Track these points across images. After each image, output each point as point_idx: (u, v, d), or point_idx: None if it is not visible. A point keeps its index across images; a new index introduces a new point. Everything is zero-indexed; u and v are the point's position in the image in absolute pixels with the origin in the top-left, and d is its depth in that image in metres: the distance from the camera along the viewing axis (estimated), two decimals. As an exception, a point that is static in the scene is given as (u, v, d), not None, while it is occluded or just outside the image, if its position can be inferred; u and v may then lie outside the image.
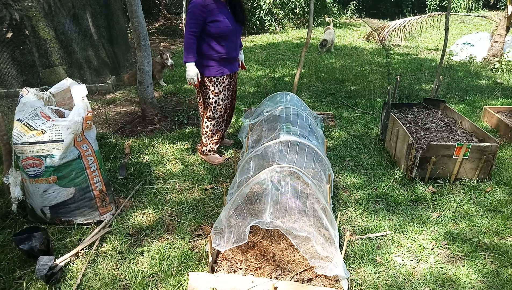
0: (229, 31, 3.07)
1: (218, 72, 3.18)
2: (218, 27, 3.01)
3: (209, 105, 3.31)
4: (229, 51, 3.17)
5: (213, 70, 3.17)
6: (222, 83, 3.24)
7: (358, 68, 6.94)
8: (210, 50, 3.11)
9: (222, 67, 3.20)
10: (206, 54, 3.13)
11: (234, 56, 3.26)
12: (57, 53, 5.30)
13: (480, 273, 2.21)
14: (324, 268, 2.06)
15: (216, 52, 3.11)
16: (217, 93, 3.24)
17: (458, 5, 13.11)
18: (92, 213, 2.61)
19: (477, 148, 2.99)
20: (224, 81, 3.24)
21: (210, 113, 3.34)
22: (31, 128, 2.38)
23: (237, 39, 3.25)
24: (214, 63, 3.15)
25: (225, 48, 3.13)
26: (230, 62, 3.26)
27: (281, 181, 2.25)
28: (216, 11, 3.00)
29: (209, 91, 3.24)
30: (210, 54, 3.12)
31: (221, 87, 3.24)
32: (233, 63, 3.32)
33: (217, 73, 3.18)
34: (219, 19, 3.00)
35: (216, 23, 3.00)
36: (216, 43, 3.09)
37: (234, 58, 3.30)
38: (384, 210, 2.79)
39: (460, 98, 5.21)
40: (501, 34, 6.70)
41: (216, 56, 3.13)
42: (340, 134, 4.09)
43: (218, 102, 3.28)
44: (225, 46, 3.12)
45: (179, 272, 2.21)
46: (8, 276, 2.18)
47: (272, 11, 10.68)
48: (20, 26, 5.19)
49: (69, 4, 5.58)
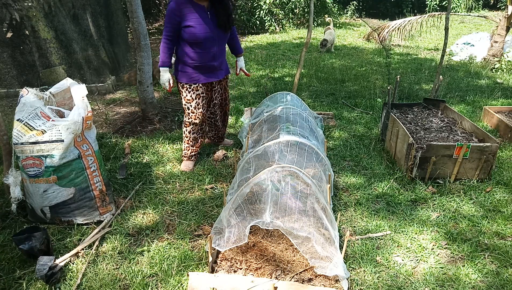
0: (204, 38, 2.89)
1: (191, 79, 3.05)
2: (190, 33, 2.85)
3: (184, 109, 3.24)
4: (204, 59, 3.00)
5: (186, 77, 3.05)
6: (196, 91, 3.10)
7: (358, 68, 6.94)
8: (185, 56, 2.99)
9: (198, 75, 3.06)
10: (181, 59, 3.03)
11: (211, 64, 3.05)
12: (57, 53, 5.30)
13: (480, 273, 2.21)
14: (324, 268, 2.06)
15: (190, 58, 2.98)
16: (189, 100, 3.12)
17: (458, 5, 13.10)
18: (92, 213, 2.61)
19: (477, 148, 2.99)
20: (198, 89, 3.10)
21: (186, 118, 3.25)
22: (31, 128, 2.38)
23: (217, 46, 3.02)
24: (189, 69, 3.03)
25: (199, 56, 2.97)
26: (208, 71, 3.09)
27: (281, 181, 2.25)
28: (190, 16, 2.84)
29: (183, 97, 3.16)
30: (184, 60, 3.01)
31: (193, 94, 3.11)
32: (212, 71, 3.12)
33: (190, 80, 3.05)
34: (192, 24, 2.83)
35: (189, 28, 2.84)
36: (190, 49, 2.95)
37: (213, 67, 3.09)
38: (384, 210, 2.79)
39: (460, 98, 5.21)
40: (501, 34, 6.70)
41: (190, 63, 3.00)
42: (340, 134, 4.09)
43: (191, 109, 3.16)
44: (199, 53, 2.96)
45: (179, 272, 2.21)
46: (8, 276, 2.18)
47: (272, 11, 10.68)
48: (20, 26, 5.19)
49: (69, 4, 5.58)
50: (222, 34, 3.01)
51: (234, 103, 5.04)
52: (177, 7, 2.82)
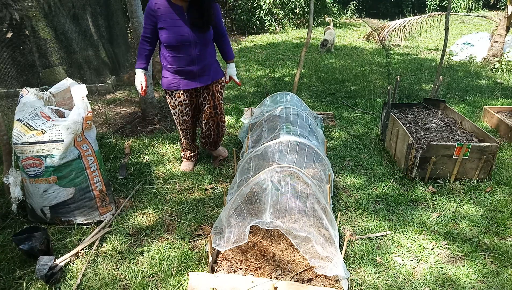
0: (178, 41, 2.70)
1: (171, 85, 2.89)
2: (165, 36, 2.70)
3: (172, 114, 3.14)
4: (181, 63, 2.80)
5: (166, 82, 2.91)
6: (178, 98, 2.94)
7: (358, 68, 6.94)
8: (163, 59, 2.85)
9: (177, 81, 2.88)
10: (162, 63, 2.91)
11: (189, 70, 2.83)
12: (57, 53, 5.30)
13: (480, 273, 2.21)
14: (324, 268, 2.06)
15: (168, 62, 2.83)
16: (173, 106, 3.01)
17: (458, 5, 13.11)
18: (92, 213, 2.61)
19: (477, 148, 2.99)
20: (180, 96, 2.94)
21: (176, 122, 3.17)
22: (31, 128, 2.38)
23: (197, 50, 2.78)
24: (168, 74, 2.88)
25: (176, 60, 2.79)
26: (188, 76, 2.87)
27: (281, 181, 2.25)
28: (165, 17, 2.67)
29: (168, 103, 3.06)
30: (164, 64, 2.88)
31: (175, 101, 2.96)
32: (193, 77, 2.89)
33: (170, 86, 2.90)
34: (165, 26, 2.67)
35: (163, 31, 2.69)
36: (167, 53, 2.79)
37: (193, 73, 2.85)
38: (384, 210, 2.79)
39: (460, 98, 5.21)
40: (501, 34, 6.70)
41: (169, 68, 2.85)
42: (340, 134, 4.09)
43: (175, 115, 3.06)
44: (176, 58, 2.78)
45: (179, 272, 2.21)
46: (8, 276, 2.18)
47: (272, 11, 10.68)
48: (20, 26, 5.19)
49: (69, 4, 5.58)
50: (200, 36, 2.76)
51: (234, 103, 5.04)
52: (153, 6, 2.68)
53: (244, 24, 10.58)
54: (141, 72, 2.89)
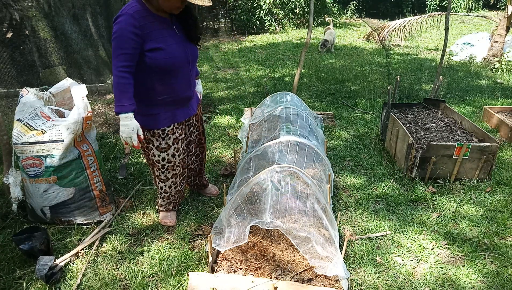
0: (177, 62, 2.12)
1: (166, 121, 2.23)
2: (160, 58, 2.04)
3: (155, 163, 2.39)
4: (180, 90, 2.21)
5: (155, 121, 2.22)
6: (172, 134, 2.29)
7: (358, 68, 6.94)
8: (150, 91, 2.15)
9: (172, 112, 2.26)
10: (145, 98, 2.16)
11: (187, 95, 2.27)
12: (57, 53, 5.30)
13: (480, 273, 2.21)
14: (324, 268, 2.06)
15: (160, 94, 2.15)
16: (164, 148, 2.30)
17: (458, 5, 13.10)
18: (92, 213, 2.61)
19: (477, 148, 2.99)
20: (175, 131, 2.30)
21: (159, 173, 2.43)
22: (31, 128, 2.38)
23: (191, 70, 2.26)
24: (158, 109, 2.19)
25: (171, 88, 2.17)
26: (183, 104, 2.31)
27: (281, 181, 2.25)
28: (156, 34, 2.03)
29: (153, 147, 2.30)
30: (152, 98, 2.16)
31: (170, 140, 2.29)
32: (186, 104, 2.33)
33: (165, 123, 2.23)
34: (161, 46, 2.03)
35: (157, 52, 2.03)
36: (160, 81, 2.12)
37: (189, 98, 2.31)
38: (384, 210, 2.79)
39: (460, 98, 5.21)
40: (501, 34, 6.70)
41: (159, 100, 2.17)
42: (340, 134, 4.09)
43: (167, 159, 2.34)
44: (172, 85, 2.16)
45: (179, 272, 2.21)
46: (8, 276, 2.18)
47: (272, 11, 10.68)
48: (20, 26, 5.19)
49: (69, 4, 5.58)
50: (196, 51, 2.28)
51: (234, 103, 5.05)
52: (137, 20, 1.96)
53: (244, 24, 10.58)
54: (133, 117, 2.06)
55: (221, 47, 9.00)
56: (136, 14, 1.97)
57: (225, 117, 4.55)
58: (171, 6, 2.02)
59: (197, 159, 2.73)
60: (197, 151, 2.68)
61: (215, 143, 3.88)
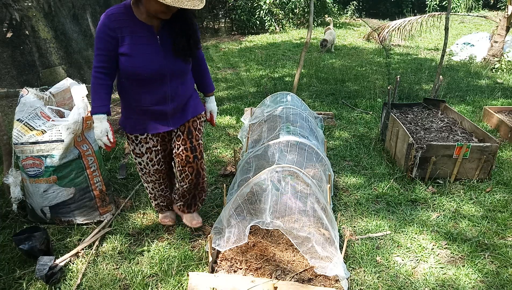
0: (148, 73, 1.99)
1: (138, 128, 2.19)
2: (129, 66, 1.97)
3: (136, 165, 2.40)
4: (150, 102, 2.09)
5: (129, 125, 2.19)
6: (145, 143, 2.24)
7: (358, 68, 6.94)
8: (125, 93, 2.12)
9: (144, 122, 2.17)
10: (122, 100, 2.17)
11: (160, 109, 2.12)
12: (57, 53, 5.30)
13: (480, 273, 2.21)
14: (324, 268, 2.06)
15: (134, 100, 2.10)
16: (139, 154, 2.29)
17: (458, 5, 13.11)
18: (92, 213, 2.61)
19: (477, 148, 2.99)
20: (148, 141, 2.24)
21: (140, 174, 2.43)
22: (31, 128, 2.38)
23: (171, 84, 2.08)
24: (132, 114, 2.16)
25: (142, 97, 2.07)
26: (158, 118, 2.16)
27: (281, 181, 2.25)
28: (129, 39, 1.94)
29: (131, 150, 2.33)
30: (128, 102, 2.14)
31: (143, 148, 2.25)
32: (165, 119, 2.18)
33: (135, 130, 2.19)
34: (128, 52, 1.94)
35: (125, 58, 1.96)
36: (131, 88, 2.06)
37: (164, 113, 2.15)
38: (384, 210, 2.79)
39: (460, 98, 5.21)
40: (501, 34, 6.70)
41: (134, 106, 2.13)
42: (340, 134, 4.09)
43: (142, 164, 2.33)
44: (143, 94, 2.06)
45: (179, 272, 2.21)
46: (8, 276, 2.18)
47: (272, 11, 10.69)
48: (20, 26, 5.19)
49: (69, 4, 5.58)
50: (180, 66, 2.08)
51: (234, 103, 5.04)
52: (111, 22, 1.91)
53: (244, 24, 10.58)
54: (105, 118, 2.08)
55: (221, 47, 9.00)
56: (113, 16, 1.93)
57: (225, 117, 4.55)
58: (156, 10, 1.88)
59: (186, 184, 2.38)
60: (185, 170, 2.33)
61: (215, 143, 3.88)
